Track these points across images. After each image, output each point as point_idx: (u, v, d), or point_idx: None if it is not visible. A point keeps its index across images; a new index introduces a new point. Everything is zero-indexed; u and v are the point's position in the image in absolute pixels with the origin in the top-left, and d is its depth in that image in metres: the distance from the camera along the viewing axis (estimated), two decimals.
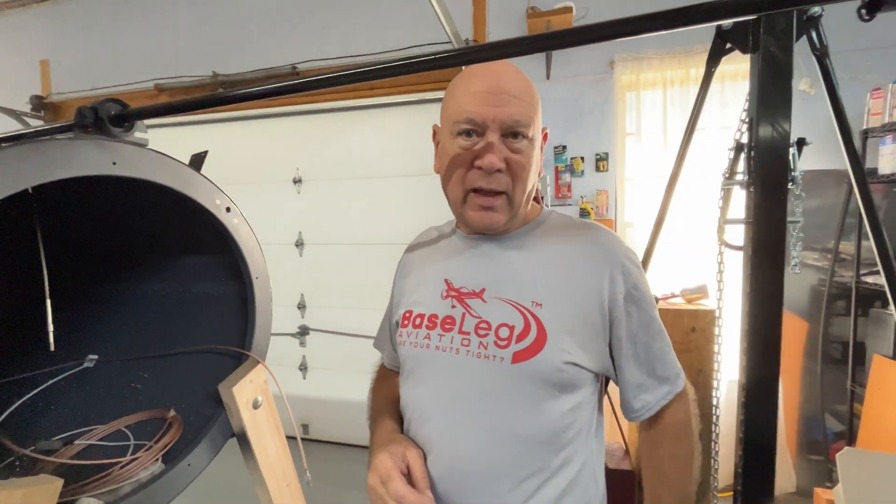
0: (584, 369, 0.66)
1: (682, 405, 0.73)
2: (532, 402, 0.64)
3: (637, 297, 0.68)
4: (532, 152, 0.68)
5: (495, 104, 0.64)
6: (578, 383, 0.66)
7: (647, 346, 0.70)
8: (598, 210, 2.44)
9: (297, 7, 2.81)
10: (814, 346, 2.16)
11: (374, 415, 0.78)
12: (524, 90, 0.66)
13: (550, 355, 0.63)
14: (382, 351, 0.90)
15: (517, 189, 0.67)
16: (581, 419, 0.67)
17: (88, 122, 0.67)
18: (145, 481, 0.77)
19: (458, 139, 0.66)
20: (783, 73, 0.89)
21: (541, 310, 0.65)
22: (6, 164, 0.52)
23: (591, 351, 0.66)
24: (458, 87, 0.68)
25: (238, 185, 2.77)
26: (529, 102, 0.66)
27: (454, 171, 0.67)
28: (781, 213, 0.92)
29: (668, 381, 0.72)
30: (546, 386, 0.64)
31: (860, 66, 2.05)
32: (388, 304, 0.87)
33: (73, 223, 0.98)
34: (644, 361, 0.70)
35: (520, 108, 0.64)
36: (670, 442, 0.72)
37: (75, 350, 1.03)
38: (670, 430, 0.72)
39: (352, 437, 2.88)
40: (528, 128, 0.66)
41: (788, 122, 0.90)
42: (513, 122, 0.64)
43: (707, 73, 1.18)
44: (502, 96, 0.64)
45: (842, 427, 2.09)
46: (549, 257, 0.70)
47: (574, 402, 0.66)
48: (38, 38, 3.36)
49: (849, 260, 2.07)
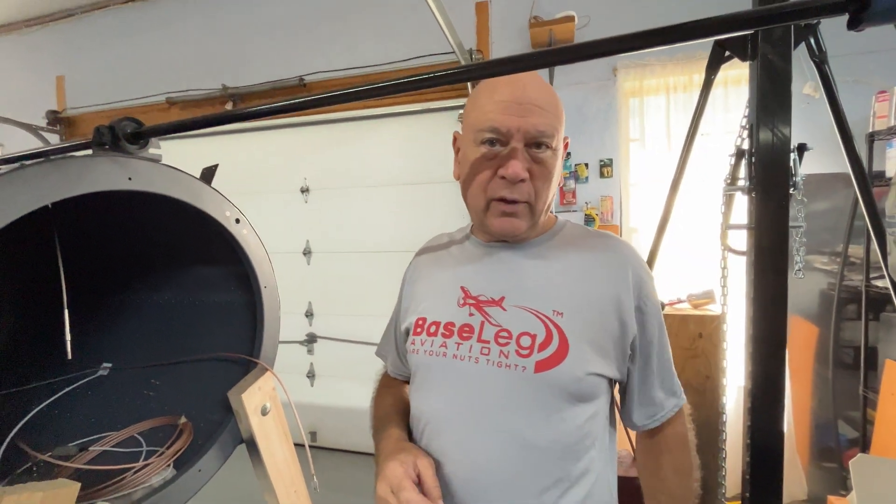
0: (603, 377, 0.66)
1: (681, 418, 0.74)
2: (552, 412, 0.63)
3: (651, 307, 0.70)
4: (555, 162, 0.67)
5: (520, 114, 0.63)
6: (596, 392, 0.66)
7: (660, 356, 0.71)
8: (602, 216, 2.45)
9: (304, 20, 2.87)
10: (825, 351, 2.13)
11: (379, 424, 0.76)
12: (549, 101, 0.66)
13: (573, 365, 0.63)
14: (386, 359, 0.88)
15: (539, 199, 0.67)
16: (598, 428, 0.67)
17: (106, 139, 0.70)
18: (157, 486, 0.79)
19: (481, 147, 0.66)
20: (782, 80, 0.90)
21: (562, 319, 0.65)
22: (30, 181, 0.55)
23: (609, 359, 0.67)
24: (482, 96, 0.67)
25: (247, 195, 2.82)
26: (554, 113, 0.66)
27: (476, 179, 0.67)
28: (783, 218, 0.92)
29: (675, 395, 0.73)
30: (566, 396, 0.64)
31: (864, 69, 2.04)
32: (395, 310, 0.85)
33: (89, 235, 1.01)
34: (657, 372, 0.71)
35: (544, 119, 0.64)
36: (674, 456, 0.73)
37: (90, 358, 1.06)
38: (673, 444, 0.73)
39: (359, 445, 2.89)
40: (553, 138, 0.65)
41: (788, 128, 0.91)
42: (537, 133, 0.64)
43: (707, 80, 1.19)
44: (527, 106, 0.63)
45: (855, 433, 2.06)
46: (568, 266, 0.69)
47: (592, 412, 0.66)
48: (53, 55, 3.46)
49: (858, 263, 2.05)
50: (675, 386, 0.73)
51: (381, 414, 0.79)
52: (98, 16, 3.31)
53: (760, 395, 0.95)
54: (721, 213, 1.11)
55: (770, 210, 0.91)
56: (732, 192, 1.05)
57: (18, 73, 3.57)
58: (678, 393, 0.74)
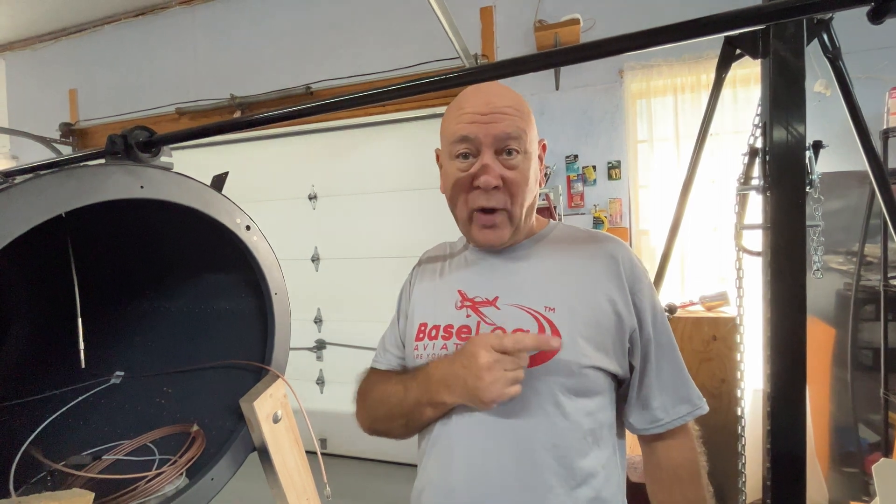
0: (602, 371, 0.66)
1: (690, 442, 0.72)
2: (550, 406, 0.64)
3: (645, 302, 0.70)
4: (528, 165, 0.69)
5: (486, 121, 0.66)
6: (596, 388, 0.66)
7: (662, 356, 0.70)
8: (611, 218, 2.43)
9: (310, 30, 2.90)
10: (843, 353, 2.08)
11: (402, 377, 0.72)
12: (513, 105, 0.68)
13: (567, 357, 0.64)
14: (381, 358, 0.84)
15: (515, 204, 0.69)
16: (602, 426, 0.67)
17: (118, 148, 0.71)
18: (170, 495, 0.79)
19: (457, 161, 0.69)
20: (795, 76, 0.88)
21: (554, 314, 0.67)
22: (45, 190, 0.55)
23: (608, 353, 0.67)
24: (452, 111, 0.71)
25: (256, 202, 2.84)
26: (519, 116, 0.68)
27: (458, 194, 0.71)
28: (800, 217, 0.90)
29: (687, 401, 0.70)
30: (563, 389, 0.64)
31: (876, 65, 2.01)
32: (394, 316, 0.85)
33: (102, 244, 1.02)
34: (657, 372, 0.70)
35: (508, 123, 0.66)
36: (685, 488, 0.71)
37: (103, 367, 1.07)
38: (685, 474, 0.71)
39: (370, 452, 2.87)
40: (519, 140, 0.67)
41: (803, 125, 0.89)
42: (504, 136, 0.66)
43: (717, 79, 1.18)
44: (492, 115, 0.66)
45: (876, 437, 2.00)
46: (558, 264, 0.71)
47: (593, 407, 0.66)
48: (66, 69, 3.53)
49: (875, 263, 2.00)
50: (688, 392, 0.71)
51: (394, 377, 0.75)
52: (109, 30, 3.38)
53: (781, 398, 0.92)
54: (735, 214, 1.09)
55: (786, 209, 0.90)
56: (746, 191, 1.03)
57: (33, 88, 3.65)
58: (691, 399, 0.71)
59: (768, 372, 0.95)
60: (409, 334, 0.77)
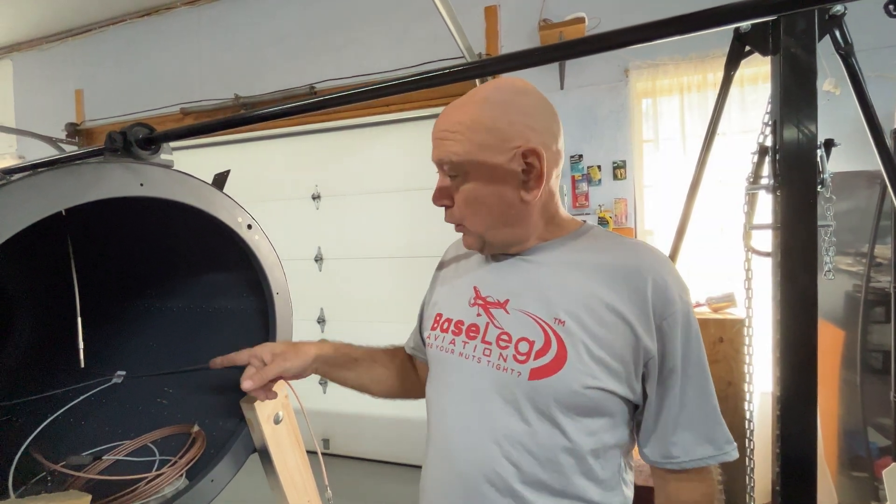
0: (614, 395, 0.62)
1: (705, 487, 0.66)
2: (545, 421, 0.62)
3: (673, 330, 0.63)
4: (475, 185, 0.65)
5: (436, 145, 0.67)
6: (601, 409, 0.62)
7: (687, 390, 0.64)
8: (616, 218, 2.41)
9: (315, 30, 2.90)
10: (852, 355, 2.05)
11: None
12: (456, 125, 0.64)
13: (570, 376, 0.60)
14: (408, 344, 0.92)
15: (469, 221, 0.68)
16: (606, 447, 0.64)
17: (118, 145, 0.70)
18: (170, 497, 0.78)
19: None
20: (807, 73, 0.86)
21: (563, 328, 0.62)
22: (43, 187, 0.55)
23: (620, 377, 0.62)
24: None
25: (259, 202, 2.84)
26: (466, 136, 0.63)
27: None
28: (812, 217, 0.88)
29: (711, 443, 0.64)
30: (561, 407, 0.61)
31: (887, 63, 1.98)
32: (425, 296, 0.88)
33: (102, 243, 1.01)
34: (679, 407, 0.64)
35: (444, 148, 0.65)
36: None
37: (104, 366, 1.06)
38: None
39: (373, 452, 2.87)
40: (457, 164, 0.64)
41: (815, 123, 0.87)
42: (438, 162, 0.67)
43: (726, 77, 1.16)
44: (436, 139, 0.67)
45: (886, 442, 1.97)
46: (574, 275, 0.65)
47: (596, 427, 0.63)
48: (72, 70, 3.55)
49: (885, 264, 1.97)
50: (714, 432, 0.64)
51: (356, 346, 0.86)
52: (114, 30, 3.40)
53: (791, 402, 0.91)
54: (744, 214, 1.07)
55: (797, 209, 0.88)
56: (756, 191, 1.01)
57: (39, 88, 3.68)
58: (717, 441, 0.64)
59: (778, 375, 0.93)
60: (427, 320, 0.80)
